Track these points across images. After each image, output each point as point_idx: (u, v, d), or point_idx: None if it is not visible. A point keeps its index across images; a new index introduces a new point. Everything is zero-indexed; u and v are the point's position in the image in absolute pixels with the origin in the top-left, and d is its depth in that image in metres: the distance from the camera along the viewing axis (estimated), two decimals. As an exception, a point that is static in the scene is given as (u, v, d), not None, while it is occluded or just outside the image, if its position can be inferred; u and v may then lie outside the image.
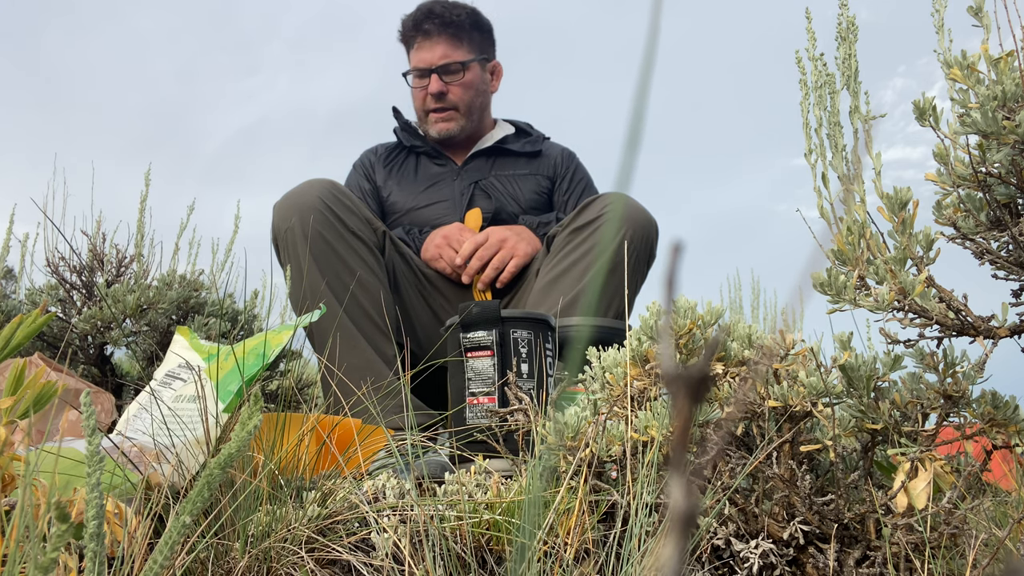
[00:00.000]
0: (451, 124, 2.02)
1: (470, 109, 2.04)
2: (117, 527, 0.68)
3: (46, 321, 0.71)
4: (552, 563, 0.76)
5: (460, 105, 2.01)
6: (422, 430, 1.12)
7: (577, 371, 1.00)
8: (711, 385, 0.88)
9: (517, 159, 2.08)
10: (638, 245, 1.61)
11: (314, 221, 1.58)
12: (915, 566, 0.75)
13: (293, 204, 1.61)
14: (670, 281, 0.18)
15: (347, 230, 1.61)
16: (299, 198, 1.61)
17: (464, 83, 2.01)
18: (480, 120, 2.08)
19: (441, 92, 1.98)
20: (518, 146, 2.09)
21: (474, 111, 2.05)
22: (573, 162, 2.13)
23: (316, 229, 1.58)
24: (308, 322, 1.17)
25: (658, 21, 0.22)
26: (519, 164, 2.08)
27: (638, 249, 1.61)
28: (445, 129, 2.02)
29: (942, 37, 0.76)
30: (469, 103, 2.03)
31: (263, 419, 1.15)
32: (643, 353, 0.90)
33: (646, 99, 0.22)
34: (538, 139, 2.14)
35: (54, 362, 1.30)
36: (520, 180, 2.04)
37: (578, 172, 2.12)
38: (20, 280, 1.78)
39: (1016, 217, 0.76)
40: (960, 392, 0.76)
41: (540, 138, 2.16)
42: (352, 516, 0.82)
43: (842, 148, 0.81)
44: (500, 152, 2.09)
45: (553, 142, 2.20)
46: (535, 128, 2.22)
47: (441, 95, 1.99)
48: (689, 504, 0.16)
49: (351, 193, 1.71)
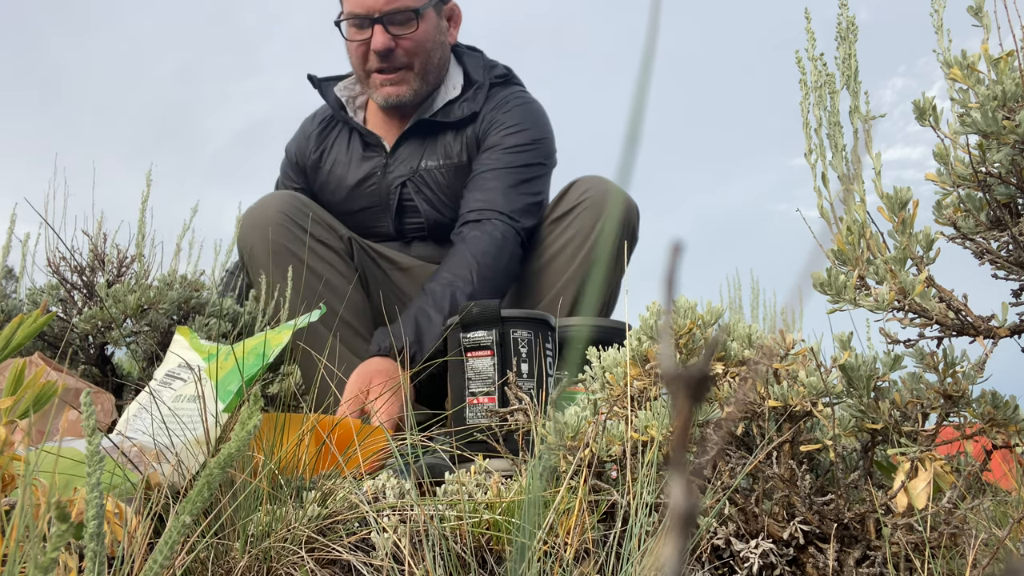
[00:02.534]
0: (402, 88, 1.61)
1: (426, 68, 1.61)
2: (117, 527, 0.68)
3: (46, 321, 0.71)
4: (552, 563, 0.76)
5: (415, 63, 1.59)
6: (420, 430, 1.12)
7: (577, 371, 1.00)
8: (711, 385, 0.88)
9: (451, 134, 1.65)
10: (620, 229, 1.58)
11: (276, 235, 1.52)
12: (915, 566, 0.75)
13: (254, 221, 1.56)
14: (670, 281, 0.18)
15: (312, 239, 1.54)
16: (259, 214, 1.56)
17: (417, 37, 1.58)
18: (437, 80, 1.65)
19: (388, 49, 1.55)
20: (455, 112, 1.64)
21: (430, 70, 1.62)
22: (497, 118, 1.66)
23: (280, 242, 1.53)
24: (308, 322, 1.17)
25: (657, 20, 0.22)
26: (451, 142, 1.66)
27: (620, 232, 1.58)
28: (395, 95, 1.61)
29: (942, 37, 0.76)
30: (425, 61, 1.60)
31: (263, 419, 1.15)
32: (643, 353, 0.90)
33: (645, 98, 0.22)
34: (481, 88, 1.65)
35: (54, 362, 1.30)
36: (457, 168, 1.66)
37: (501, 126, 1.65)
38: (21, 280, 1.78)
39: (1016, 217, 0.76)
40: (960, 392, 0.76)
41: (485, 85, 1.66)
42: (352, 516, 0.83)
43: (842, 148, 0.81)
44: (435, 128, 1.66)
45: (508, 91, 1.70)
46: (485, 61, 1.71)
47: (388, 53, 1.56)
48: (689, 504, 0.16)
49: (312, 202, 1.62)
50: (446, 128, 1.67)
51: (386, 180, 1.70)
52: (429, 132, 1.68)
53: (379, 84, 1.62)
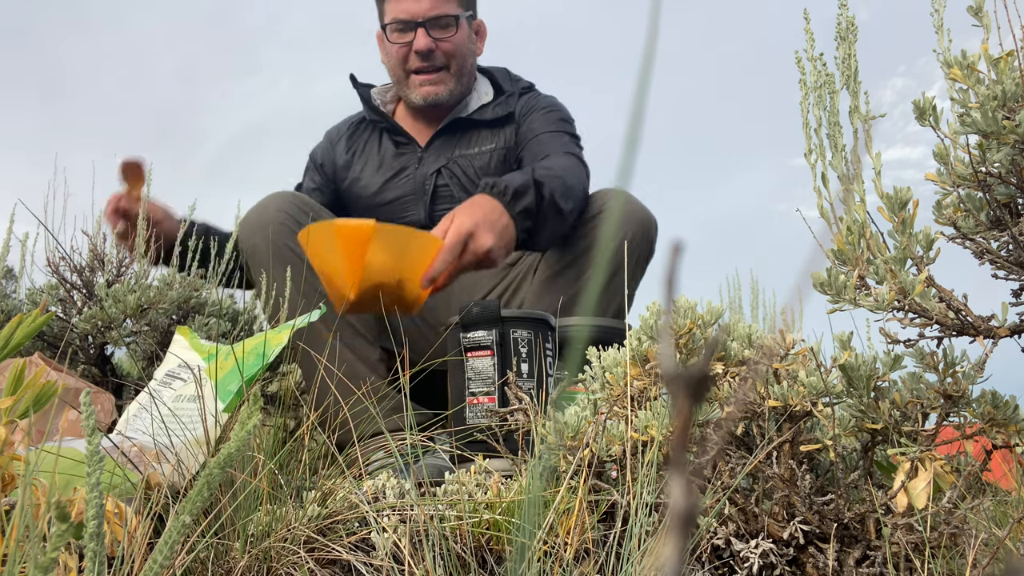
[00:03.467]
0: (440, 88, 1.75)
1: (461, 71, 1.76)
2: (117, 527, 0.68)
3: (46, 321, 0.71)
4: (552, 563, 0.76)
5: (452, 64, 1.74)
6: (420, 431, 1.12)
7: (577, 371, 1.00)
8: (711, 385, 0.88)
9: (487, 131, 1.80)
10: (638, 243, 1.59)
11: (277, 235, 1.53)
12: (915, 566, 0.75)
13: (255, 222, 1.57)
14: (670, 281, 0.18)
15: None
16: (260, 215, 1.57)
17: (456, 40, 1.73)
18: (469, 85, 1.81)
19: (429, 49, 1.71)
20: (489, 113, 1.80)
21: (465, 73, 1.78)
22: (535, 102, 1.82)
23: (281, 242, 1.53)
24: (308, 322, 1.17)
25: (657, 20, 0.22)
26: (487, 136, 1.80)
27: (639, 247, 1.59)
28: (433, 93, 1.74)
29: (942, 37, 0.76)
30: (460, 64, 1.76)
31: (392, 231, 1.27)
32: (643, 353, 0.90)
33: (645, 98, 0.22)
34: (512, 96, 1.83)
35: (54, 362, 1.30)
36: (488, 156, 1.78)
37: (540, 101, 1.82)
38: (20, 280, 1.78)
39: (1016, 217, 0.76)
40: (960, 392, 0.76)
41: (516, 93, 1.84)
42: (352, 516, 0.83)
43: (842, 148, 0.81)
44: (469, 124, 1.81)
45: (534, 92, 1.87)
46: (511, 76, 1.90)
47: (429, 53, 1.71)
48: (689, 504, 0.16)
49: (313, 201, 1.64)
50: (480, 126, 1.80)
51: (421, 170, 1.79)
52: (463, 129, 1.81)
53: (418, 84, 1.75)
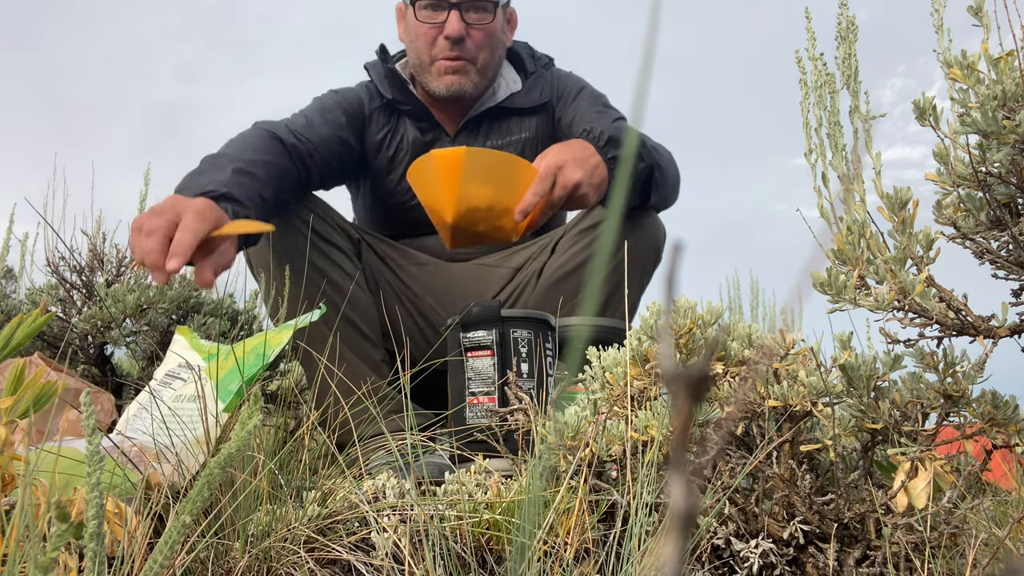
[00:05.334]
0: (464, 79, 1.60)
1: (487, 65, 1.63)
2: (117, 527, 0.68)
3: (46, 321, 0.71)
4: (552, 563, 0.76)
5: (479, 57, 1.60)
6: (421, 431, 1.12)
7: (577, 371, 1.00)
8: (711, 385, 0.88)
9: (517, 119, 1.69)
10: (646, 249, 1.56)
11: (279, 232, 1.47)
12: (915, 566, 0.75)
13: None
14: (670, 281, 0.18)
15: (319, 237, 1.50)
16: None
17: (490, 29, 1.59)
18: (492, 80, 1.67)
19: (461, 36, 1.56)
20: (521, 101, 1.68)
21: (490, 67, 1.64)
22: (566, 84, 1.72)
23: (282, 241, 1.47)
24: (308, 322, 1.17)
25: (657, 21, 0.22)
26: (517, 125, 1.69)
27: (646, 253, 1.56)
28: (456, 84, 1.60)
29: (942, 37, 0.76)
30: (488, 58, 1.62)
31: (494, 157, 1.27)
32: (643, 353, 0.90)
33: (645, 98, 0.22)
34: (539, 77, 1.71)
35: (54, 362, 1.30)
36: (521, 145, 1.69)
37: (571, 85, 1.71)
38: (20, 280, 1.78)
39: (1016, 217, 0.76)
40: (960, 392, 0.76)
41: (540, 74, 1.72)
42: (352, 516, 0.83)
43: (842, 148, 0.81)
44: (499, 113, 1.68)
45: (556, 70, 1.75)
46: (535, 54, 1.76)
47: (460, 40, 1.56)
48: (689, 504, 0.16)
49: (318, 199, 1.58)
50: (511, 114, 1.69)
51: None
52: (494, 118, 1.69)
53: (442, 71, 1.60)
